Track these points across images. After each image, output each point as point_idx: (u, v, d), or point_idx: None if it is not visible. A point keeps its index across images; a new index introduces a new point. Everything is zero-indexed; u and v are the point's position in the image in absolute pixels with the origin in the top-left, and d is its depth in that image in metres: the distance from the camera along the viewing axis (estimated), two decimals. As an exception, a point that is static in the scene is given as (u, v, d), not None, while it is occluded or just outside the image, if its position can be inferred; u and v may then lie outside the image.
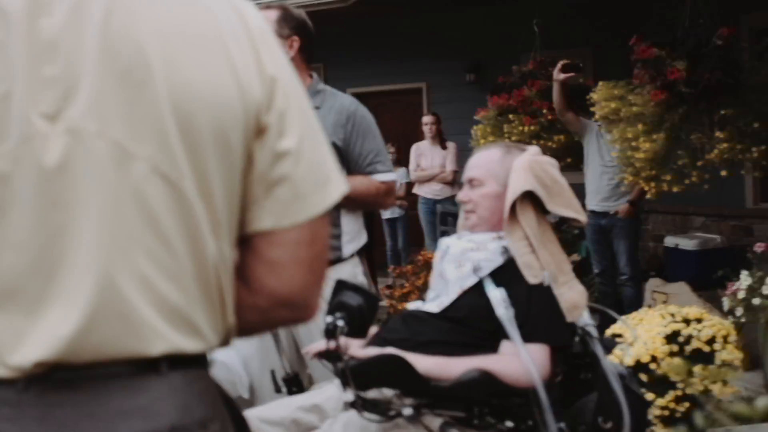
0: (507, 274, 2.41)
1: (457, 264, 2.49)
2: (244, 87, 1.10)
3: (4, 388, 1.01)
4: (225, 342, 1.18)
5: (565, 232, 5.92)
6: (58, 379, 1.02)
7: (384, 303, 6.95)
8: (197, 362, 1.12)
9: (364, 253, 9.31)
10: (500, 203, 2.48)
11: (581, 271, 2.80)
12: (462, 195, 2.62)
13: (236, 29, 1.13)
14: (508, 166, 2.52)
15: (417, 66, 10.09)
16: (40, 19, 1.02)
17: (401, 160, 9.14)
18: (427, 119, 8.75)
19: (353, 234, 3.15)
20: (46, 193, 1.01)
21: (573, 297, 2.41)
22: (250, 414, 2.39)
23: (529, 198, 2.45)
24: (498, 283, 2.39)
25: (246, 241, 1.17)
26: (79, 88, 1.01)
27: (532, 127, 6.61)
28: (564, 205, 2.50)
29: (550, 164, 2.54)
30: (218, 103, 1.07)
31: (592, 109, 5.42)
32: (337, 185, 1.20)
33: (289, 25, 2.98)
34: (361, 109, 3.08)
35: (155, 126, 1.03)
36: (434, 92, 10.32)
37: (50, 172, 1.00)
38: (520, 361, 2.26)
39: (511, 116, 6.74)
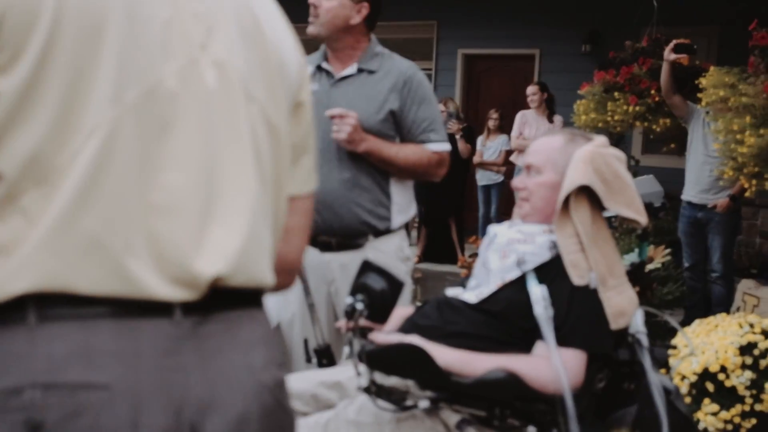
0: (552, 271, 2.26)
1: (502, 254, 2.36)
2: (295, 64, 1.24)
3: (161, 322, 1.01)
4: None
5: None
6: (206, 309, 1.04)
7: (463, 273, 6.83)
8: None
9: (453, 217, 9.20)
10: (557, 194, 2.33)
11: (638, 275, 2.60)
12: (517, 181, 2.47)
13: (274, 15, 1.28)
14: (569, 156, 2.35)
15: (532, 32, 9.79)
16: None
17: (503, 126, 8.93)
18: (530, 90, 8.41)
19: (403, 205, 3.05)
20: (207, 113, 1.06)
21: (620, 303, 2.25)
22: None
23: (586, 193, 2.29)
24: (541, 280, 2.25)
25: None
26: (218, 29, 1.10)
27: (637, 108, 6.27)
28: (625, 204, 2.33)
29: (616, 158, 2.36)
30: (290, 71, 1.21)
31: (699, 95, 5.11)
32: None
33: None
34: (419, 74, 2.97)
35: (267, 76, 1.15)
36: (547, 60, 9.97)
37: (211, 94, 1.07)
38: (550, 365, 2.13)
39: (616, 94, 6.41)
